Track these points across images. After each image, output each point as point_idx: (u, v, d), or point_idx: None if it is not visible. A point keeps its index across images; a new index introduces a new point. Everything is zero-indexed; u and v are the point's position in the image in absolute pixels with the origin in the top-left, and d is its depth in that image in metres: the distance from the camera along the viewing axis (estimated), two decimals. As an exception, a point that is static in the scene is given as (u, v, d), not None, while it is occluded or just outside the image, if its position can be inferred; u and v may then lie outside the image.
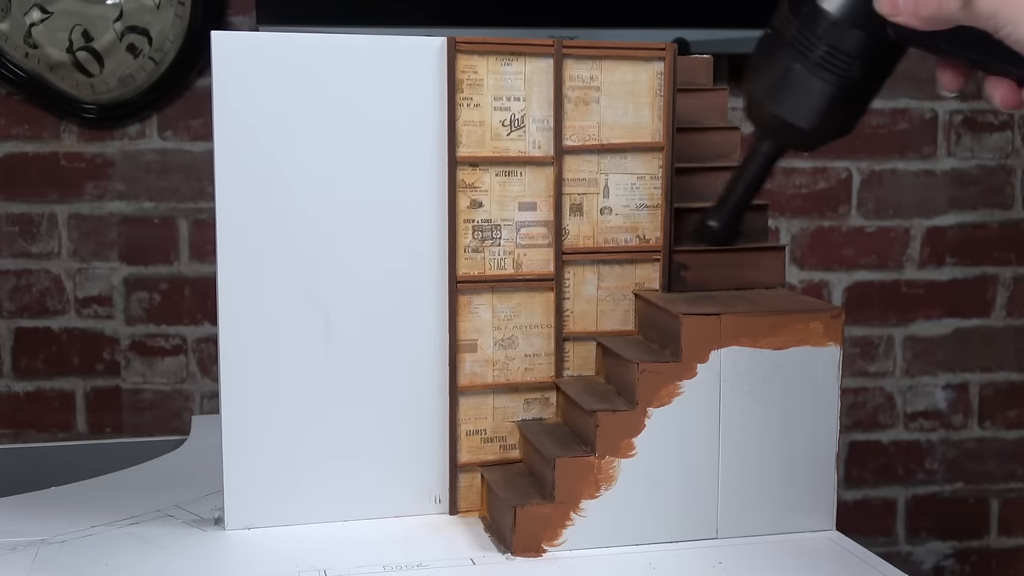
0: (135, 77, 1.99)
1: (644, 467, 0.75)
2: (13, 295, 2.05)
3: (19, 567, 0.68)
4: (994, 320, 2.01)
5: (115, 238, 2.05)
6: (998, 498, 2.05)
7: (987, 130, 2.17)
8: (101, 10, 1.95)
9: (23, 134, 2.02)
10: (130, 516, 0.76)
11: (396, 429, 0.78)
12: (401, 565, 0.70)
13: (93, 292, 2.06)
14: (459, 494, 0.80)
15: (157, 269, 2.07)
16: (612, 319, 0.82)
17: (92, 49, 1.96)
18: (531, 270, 0.80)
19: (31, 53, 1.96)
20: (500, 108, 0.78)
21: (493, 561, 0.72)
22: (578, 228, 0.80)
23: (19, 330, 2.06)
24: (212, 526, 0.76)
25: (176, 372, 2.09)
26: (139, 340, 2.07)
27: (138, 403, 2.09)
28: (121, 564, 0.69)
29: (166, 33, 1.97)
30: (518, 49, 0.78)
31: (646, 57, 0.80)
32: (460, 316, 0.78)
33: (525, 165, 0.79)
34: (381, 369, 0.77)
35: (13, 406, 2.07)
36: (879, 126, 2.13)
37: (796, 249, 1.97)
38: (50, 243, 2.05)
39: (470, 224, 0.78)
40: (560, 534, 0.74)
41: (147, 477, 0.86)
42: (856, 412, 2.00)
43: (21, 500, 0.79)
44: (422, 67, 0.76)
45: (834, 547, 0.77)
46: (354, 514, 0.78)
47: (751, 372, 0.76)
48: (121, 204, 2.05)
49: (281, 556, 0.71)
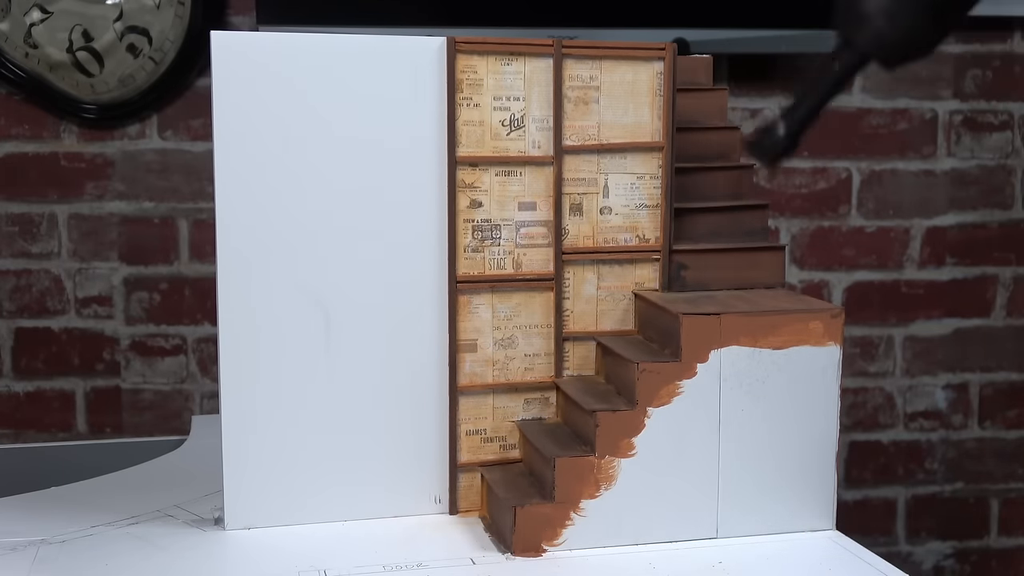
0: (135, 77, 1.99)
1: (644, 467, 0.75)
2: (13, 295, 2.05)
3: (19, 567, 0.68)
4: (994, 320, 2.01)
5: (115, 238, 2.05)
6: (998, 498, 2.05)
7: (987, 130, 2.17)
8: (101, 10, 1.95)
9: (23, 134, 2.03)
10: (130, 516, 0.76)
11: (396, 429, 0.78)
12: (401, 565, 0.70)
13: (93, 292, 2.06)
14: (459, 494, 0.80)
15: (157, 269, 2.07)
16: (612, 319, 0.82)
17: (92, 49, 1.96)
18: (531, 270, 0.80)
19: (31, 53, 1.96)
20: (500, 108, 0.78)
21: (493, 561, 0.72)
22: (578, 228, 0.80)
23: (19, 330, 2.06)
24: (212, 526, 0.76)
25: (176, 372, 2.09)
26: (139, 340, 2.07)
27: (138, 403, 2.09)
28: (121, 564, 0.69)
29: (166, 33, 1.97)
30: (518, 49, 0.78)
31: (646, 57, 0.80)
32: (460, 316, 0.79)
33: (525, 165, 0.79)
34: (381, 369, 0.77)
35: (13, 406, 2.07)
36: (879, 126, 2.13)
37: (796, 249, 1.97)
38: (50, 243, 2.05)
39: (470, 224, 0.78)
40: (560, 534, 0.74)
41: (147, 477, 0.86)
42: (856, 412, 2.00)
43: (21, 500, 0.79)
44: (422, 67, 0.76)
45: (834, 547, 0.77)
46: (354, 514, 0.78)
47: (751, 372, 0.76)
48: (121, 204, 2.05)
49: (281, 556, 0.71)
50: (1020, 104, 2.25)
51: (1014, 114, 2.24)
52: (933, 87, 2.28)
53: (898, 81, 2.20)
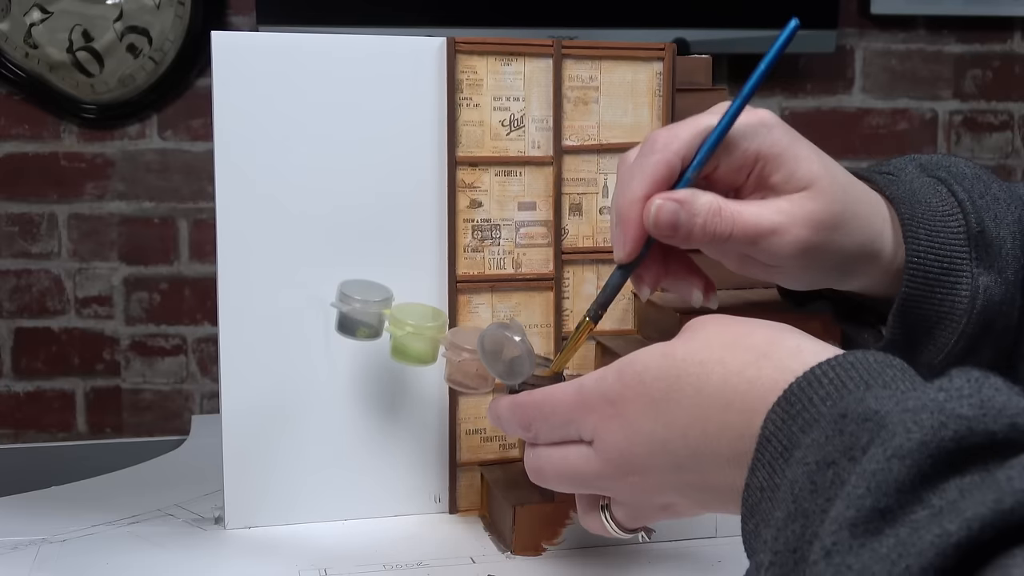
0: (135, 77, 1.99)
1: (643, 466, 0.75)
2: (13, 295, 2.05)
3: (21, 566, 0.68)
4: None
5: (115, 238, 2.05)
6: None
7: (987, 130, 2.17)
8: (101, 10, 1.96)
9: (23, 134, 2.03)
10: (130, 515, 0.76)
11: (396, 428, 0.79)
12: (401, 564, 0.70)
13: (93, 292, 2.06)
14: (459, 493, 0.80)
15: (157, 269, 2.07)
16: (611, 319, 0.82)
17: (92, 49, 1.97)
18: (530, 270, 0.80)
19: (31, 53, 1.96)
20: (499, 108, 0.78)
21: (493, 560, 0.72)
22: (577, 228, 0.81)
23: (19, 330, 2.06)
24: (212, 525, 0.76)
25: (176, 372, 2.09)
26: (139, 340, 2.07)
27: (138, 403, 2.09)
28: (121, 563, 0.69)
29: (166, 33, 1.98)
30: (517, 49, 0.78)
31: (645, 57, 0.80)
32: (460, 316, 0.79)
33: (524, 165, 0.79)
34: (381, 368, 0.77)
35: (13, 406, 2.07)
36: (879, 126, 2.13)
37: (796, 249, 1.97)
38: (50, 243, 2.05)
39: (469, 224, 0.78)
40: (560, 533, 0.74)
41: (147, 477, 0.86)
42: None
43: (21, 500, 0.80)
44: (422, 67, 0.76)
45: (833, 546, 0.77)
46: (354, 513, 0.78)
47: (750, 372, 0.76)
48: (121, 204, 2.05)
49: (281, 556, 0.72)
50: (1020, 104, 2.25)
51: (1014, 114, 2.24)
52: (933, 87, 2.28)
53: (898, 81, 2.20)
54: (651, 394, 0.48)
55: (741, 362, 0.46)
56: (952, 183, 0.64)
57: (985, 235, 0.62)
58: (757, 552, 0.42)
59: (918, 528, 0.33)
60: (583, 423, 0.52)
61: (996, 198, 0.64)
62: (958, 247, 0.62)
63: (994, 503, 0.31)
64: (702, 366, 0.47)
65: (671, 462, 0.48)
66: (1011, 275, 0.63)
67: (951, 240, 0.62)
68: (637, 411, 0.49)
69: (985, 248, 0.62)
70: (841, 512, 0.35)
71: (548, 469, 0.55)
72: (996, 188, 0.65)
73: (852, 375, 0.42)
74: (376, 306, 0.68)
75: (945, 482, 0.34)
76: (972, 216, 0.62)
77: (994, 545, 0.31)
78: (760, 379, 0.45)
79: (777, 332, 0.48)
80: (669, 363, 0.49)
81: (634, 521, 0.56)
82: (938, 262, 0.62)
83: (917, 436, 0.35)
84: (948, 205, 0.63)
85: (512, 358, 0.61)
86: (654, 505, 0.53)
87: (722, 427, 0.46)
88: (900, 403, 0.37)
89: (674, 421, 0.48)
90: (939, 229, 0.62)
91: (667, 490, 0.51)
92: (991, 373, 0.37)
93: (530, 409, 0.55)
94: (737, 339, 0.48)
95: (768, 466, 0.42)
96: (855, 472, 0.36)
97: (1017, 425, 0.35)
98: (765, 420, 0.43)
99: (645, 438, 0.49)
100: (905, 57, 2.26)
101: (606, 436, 0.51)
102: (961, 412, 0.35)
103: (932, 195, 0.63)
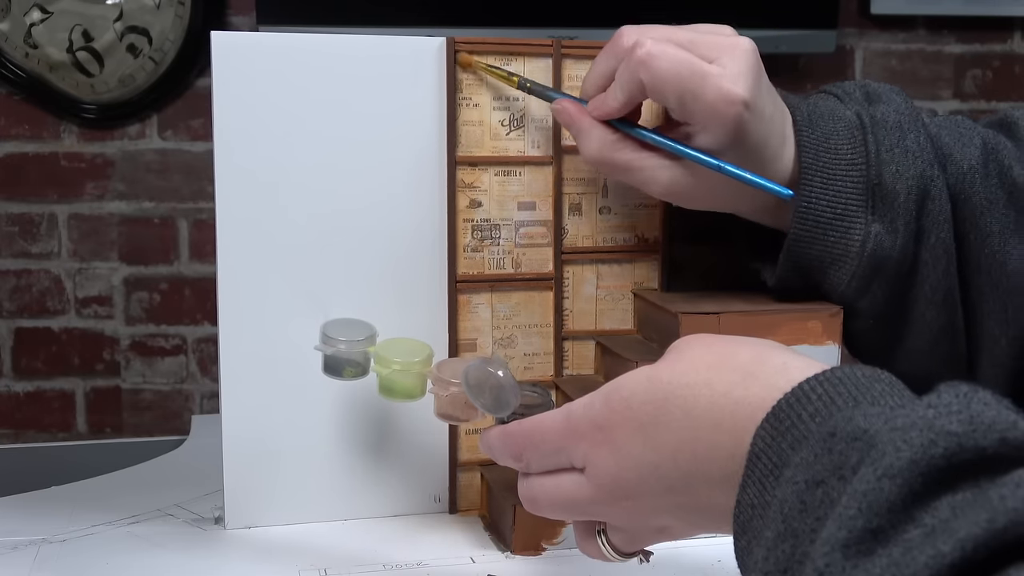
0: (135, 77, 1.99)
1: (643, 466, 0.75)
2: (13, 295, 2.05)
3: (21, 565, 0.68)
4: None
5: (115, 238, 2.05)
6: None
7: (986, 130, 2.16)
8: (101, 10, 1.96)
9: (23, 134, 2.03)
10: (130, 516, 0.76)
11: (396, 428, 0.79)
12: (401, 564, 0.70)
13: (93, 292, 2.06)
14: (459, 493, 0.80)
15: (157, 269, 2.07)
16: (611, 318, 0.82)
17: (92, 49, 1.97)
18: (530, 269, 0.80)
19: (31, 53, 1.96)
20: (499, 108, 0.78)
21: (493, 559, 0.72)
22: (577, 227, 0.81)
23: (19, 330, 2.06)
24: (212, 525, 0.76)
25: (176, 372, 2.09)
26: (139, 340, 2.07)
27: (138, 403, 2.09)
28: (121, 563, 0.69)
29: (166, 33, 1.98)
30: (517, 49, 0.78)
31: (645, 57, 0.80)
32: (459, 315, 0.79)
33: (524, 165, 0.79)
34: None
35: (13, 406, 2.07)
36: (878, 126, 2.13)
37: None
38: (50, 243, 2.05)
39: (469, 224, 0.78)
40: (560, 532, 0.74)
41: (147, 477, 0.86)
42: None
43: (21, 500, 0.80)
44: (422, 67, 0.76)
45: (833, 546, 0.77)
46: (354, 513, 0.78)
47: (750, 371, 0.76)
48: (121, 204, 2.05)
49: (281, 556, 0.72)
50: (1020, 104, 2.25)
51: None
52: (933, 87, 2.28)
53: (898, 81, 2.20)
54: (639, 419, 0.48)
55: (728, 383, 0.46)
56: (872, 130, 0.68)
57: (882, 187, 0.67)
58: (750, 570, 0.42)
59: (911, 548, 0.33)
60: (574, 450, 0.52)
61: (906, 150, 0.68)
62: (854, 195, 0.67)
63: (987, 523, 0.31)
64: (689, 388, 0.47)
65: (663, 485, 0.48)
66: (901, 226, 0.67)
67: (848, 188, 0.67)
68: (626, 436, 0.49)
69: (881, 199, 0.67)
70: (833, 533, 0.35)
71: (542, 498, 0.55)
72: (912, 139, 0.68)
73: (840, 391, 0.41)
74: (360, 345, 0.68)
75: (937, 500, 0.34)
76: (874, 168, 0.67)
77: (988, 565, 0.31)
78: (748, 399, 0.45)
79: (763, 350, 0.48)
80: (656, 387, 0.49)
81: (631, 545, 0.56)
82: (830, 208, 0.67)
83: (907, 455, 0.35)
84: (856, 154, 0.68)
85: (497, 393, 0.62)
86: (649, 528, 0.53)
87: (712, 448, 0.46)
88: (889, 421, 0.37)
89: (663, 445, 0.48)
90: (838, 177, 0.67)
91: (661, 513, 0.51)
92: (979, 387, 0.37)
93: (520, 438, 0.55)
94: (723, 359, 0.48)
95: (759, 483, 0.42)
96: (846, 492, 0.36)
97: (1007, 440, 0.35)
98: (754, 437, 0.43)
99: (635, 462, 0.49)
100: (905, 57, 2.26)
101: (597, 462, 0.50)
102: (950, 429, 0.35)
103: (845, 141, 0.68)
